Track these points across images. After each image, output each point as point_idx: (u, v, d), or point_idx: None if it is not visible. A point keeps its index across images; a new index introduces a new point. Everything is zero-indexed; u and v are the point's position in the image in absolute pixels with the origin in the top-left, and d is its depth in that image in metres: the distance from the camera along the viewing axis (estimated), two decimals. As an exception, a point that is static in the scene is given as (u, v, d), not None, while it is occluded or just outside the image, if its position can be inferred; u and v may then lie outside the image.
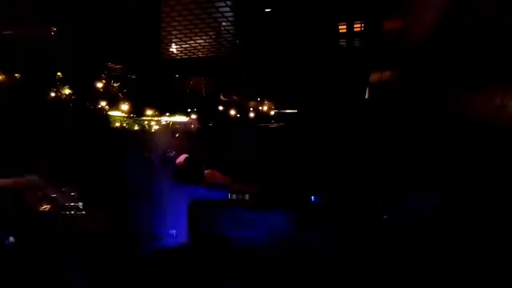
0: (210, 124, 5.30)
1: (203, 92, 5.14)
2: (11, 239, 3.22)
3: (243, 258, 4.13)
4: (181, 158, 4.35)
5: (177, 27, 3.66)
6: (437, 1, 2.59)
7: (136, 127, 4.57)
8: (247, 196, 4.81)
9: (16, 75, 3.69)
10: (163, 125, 4.67)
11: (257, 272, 3.98)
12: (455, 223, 3.17)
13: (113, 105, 4.27)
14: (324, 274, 3.87)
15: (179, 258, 3.94)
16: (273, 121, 5.39)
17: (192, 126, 4.91)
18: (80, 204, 3.69)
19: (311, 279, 3.90)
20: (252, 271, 4.00)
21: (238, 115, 5.22)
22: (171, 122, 4.75)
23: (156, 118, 4.58)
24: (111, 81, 4.23)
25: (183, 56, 4.37)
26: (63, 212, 3.61)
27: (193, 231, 4.21)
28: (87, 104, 4.10)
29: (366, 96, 4.60)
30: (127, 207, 3.98)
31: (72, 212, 3.62)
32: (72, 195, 3.71)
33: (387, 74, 4.10)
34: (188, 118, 4.85)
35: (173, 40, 3.99)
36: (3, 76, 3.62)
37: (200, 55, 4.37)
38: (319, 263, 3.98)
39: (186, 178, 4.26)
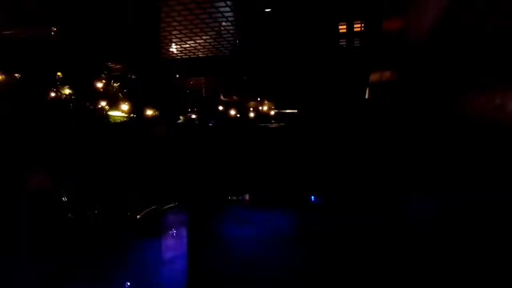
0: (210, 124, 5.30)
1: (203, 92, 5.15)
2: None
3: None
4: None
5: (177, 27, 3.66)
6: (437, 1, 2.59)
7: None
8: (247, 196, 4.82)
9: (16, 75, 3.69)
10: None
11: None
12: (457, 222, 3.17)
13: (113, 105, 4.27)
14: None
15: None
16: (273, 121, 5.40)
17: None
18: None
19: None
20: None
21: (238, 115, 5.23)
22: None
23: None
24: (111, 81, 4.24)
25: (183, 56, 4.37)
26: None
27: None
28: (87, 104, 4.11)
29: (366, 96, 4.60)
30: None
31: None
32: None
33: (387, 74, 4.10)
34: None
35: (173, 40, 3.99)
36: (3, 76, 3.62)
37: (200, 55, 4.37)
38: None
39: None
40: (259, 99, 5.34)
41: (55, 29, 3.48)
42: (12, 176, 3.55)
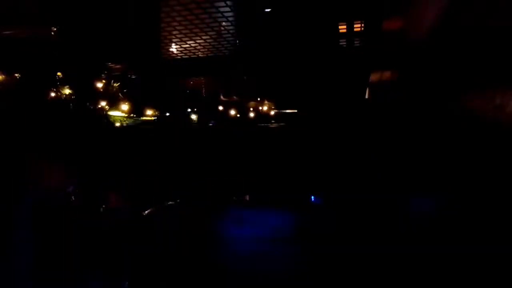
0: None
1: (203, 92, 5.16)
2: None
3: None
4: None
5: (177, 27, 3.66)
6: (437, 1, 2.59)
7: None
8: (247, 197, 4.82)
9: (16, 75, 3.69)
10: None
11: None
12: (458, 224, 3.17)
13: (113, 105, 4.28)
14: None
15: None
16: (273, 121, 5.40)
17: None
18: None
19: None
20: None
21: (238, 115, 5.24)
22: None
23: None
24: (111, 81, 4.24)
25: (183, 56, 4.37)
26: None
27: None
28: (87, 104, 4.11)
29: (366, 96, 4.60)
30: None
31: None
32: None
33: (387, 74, 4.10)
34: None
35: (173, 40, 3.99)
36: (3, 76, 3.63)
37: (200, 55, 4.36)
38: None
39: None
40: (259, 99, 5.34)
41: (55, 29, 3.48)
42: (13, 176, 3.55)
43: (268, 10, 3.57)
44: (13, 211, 3.48)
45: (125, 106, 4.34)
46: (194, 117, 5.05)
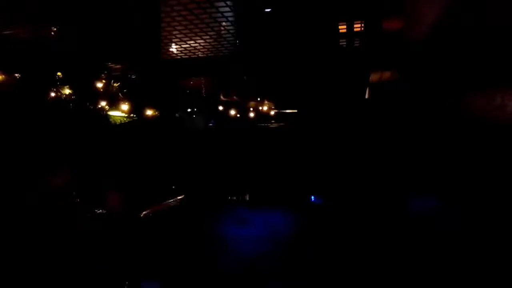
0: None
1: (203, 92, 5.15)
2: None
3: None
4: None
5: (177, 27, 3.65)
6: (437, 1, 2.59)
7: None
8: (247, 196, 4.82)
9: (16, 75, 3.69)
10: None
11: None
12: (457, 221, 3.18)
13: (113, 105, 4.27)
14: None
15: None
16: (273, 121, 5.40)
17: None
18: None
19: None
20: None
21: (238, 115, 5.23)
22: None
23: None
24: (111, 81, 4.24)
25: (183, 56, 4.37)
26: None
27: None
28: (87, 104, 4.11)
29: (366, 96, 4.60)
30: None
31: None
32: None
33: (387, 74, 4.10)
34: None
35: (173, 40, 3.99)
36: (3, 76, 3.63)
37: (200, 55, 4.36)
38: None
39: None
40: (259, 99, 5.34)
41: (55, 29, 3.48)
42: (14, 176, 3.56)
43: (268, 10, 3.57)
44: (14, 210, 3.48)
45: (125, 106, 4.33)
46: (194, 117, 5.04)
